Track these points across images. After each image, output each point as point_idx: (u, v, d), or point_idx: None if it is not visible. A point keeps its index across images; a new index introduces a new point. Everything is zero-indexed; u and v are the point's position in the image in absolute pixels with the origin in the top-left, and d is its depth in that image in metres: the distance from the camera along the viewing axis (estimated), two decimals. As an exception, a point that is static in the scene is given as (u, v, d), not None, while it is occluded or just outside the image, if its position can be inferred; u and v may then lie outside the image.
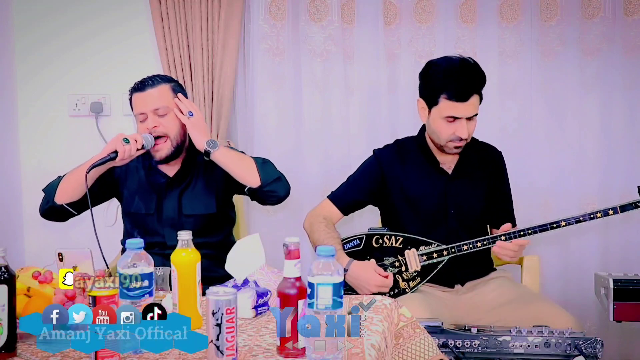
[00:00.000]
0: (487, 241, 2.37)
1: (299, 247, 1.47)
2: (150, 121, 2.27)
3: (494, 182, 2.51)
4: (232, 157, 2.28)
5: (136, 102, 2.31)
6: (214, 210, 2.36)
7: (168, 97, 2.30)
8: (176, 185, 2.36)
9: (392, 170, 2.47)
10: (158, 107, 2.27)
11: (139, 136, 2.21)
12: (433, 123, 2.37)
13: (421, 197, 2.44)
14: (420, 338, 1.83)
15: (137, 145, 2.19)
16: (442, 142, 2.38)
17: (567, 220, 2.33)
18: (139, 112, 2.30)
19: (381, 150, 2.53)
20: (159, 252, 2.20)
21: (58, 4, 3.19)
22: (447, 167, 2.46)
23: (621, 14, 3.02)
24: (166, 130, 2.28)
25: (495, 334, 2.09)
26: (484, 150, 2.53)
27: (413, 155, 2.48)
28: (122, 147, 2.16)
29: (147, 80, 2.32)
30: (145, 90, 2.29)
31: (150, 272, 1.53)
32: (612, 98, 3.05)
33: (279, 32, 3.09)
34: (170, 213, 2.35)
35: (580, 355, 2.04)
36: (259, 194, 2.28)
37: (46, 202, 2.32)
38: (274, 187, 2.27)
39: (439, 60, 2.39)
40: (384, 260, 2.40)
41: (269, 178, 2.26)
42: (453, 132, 2.34)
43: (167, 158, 2.30)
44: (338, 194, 2.52)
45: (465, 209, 2.44)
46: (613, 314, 2.30)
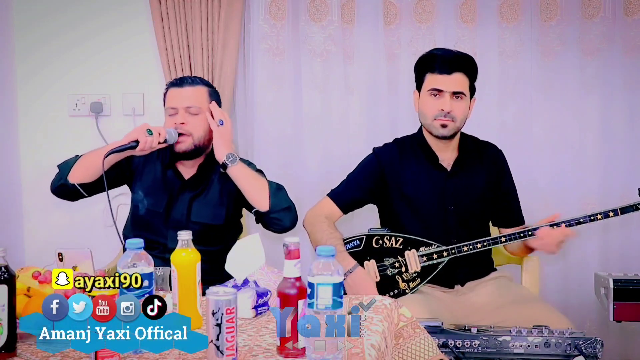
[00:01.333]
0: (488, 242, 2.37)
1: (299, 247, 1.47)
2: (179, 117, 2.28)
3: (495, 180, 2.50)
4: (247, 176, 2.27)
5: (171, 96, 2.32)
6: (221, 221, 2.36)
7: (203, 99, 2.31)
8: (189, 189, 2.36)
9: (391, 168, 2.47)
10: (191, 106, 2.28)
11: (163, 130, 2.21)
12: (421, 103, 2.42)
13: (420, 193, 2.44)
14: (420, 338, 1.83)
15: (159, 139, 2.19)
16: (428, 121, 2.39)
17: (567, 222, 2.34)
18: (170, 106, 2.31)
19: (380, 148, 2.54)
20: (158, 255, 2.20)
21: (58, 4, 3.19)
22: (446, 164, 2.46)
23: (621, 14, 3.02)
24: (192, 129, 2.28)
25: (495, 334, 2.09)
26: (483, 148, 2.53)
27: (412, 152, 2.49)
28: (145, 138, 2.16)
29: (187, 78, 2.35)
30: (183, 86, 2.31)
31: (150, 272, 1.53)
32: (612, 98, 3.05)
33: (279, 32, 3.09)
34: (177, 216, 2.34)
35: (580, 355, 2.04)
36: (265, 219, 2.28)
37: (59, 179, 2.31)
38: (281, 216, 2.26)
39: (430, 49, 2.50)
40: (383, 260, 2.40)
41: (278, 206, 2.25)
42: (438, 108, 2.36)
43: (186, 154, 2.30)
44: (338, 191, 2.52)
45: (464, 206, 2.44)
46: (613, 314, 2.30)
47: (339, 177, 2.64)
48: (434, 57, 2.40)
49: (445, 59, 2.38)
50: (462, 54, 2.43)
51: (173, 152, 2.31)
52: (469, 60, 2.42)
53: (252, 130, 3.12)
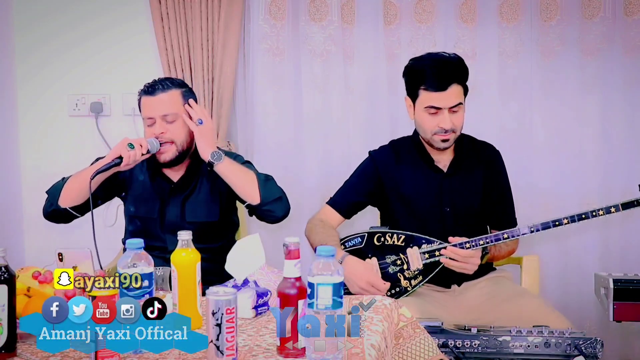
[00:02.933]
0: (490, 239, 2.35)
1: (299, 247, 1.47)
2: (157, 127, 2.26)
3: (491, 181, 2.49)
4: (234, 171, 2.26)
5: (145, 105, 2.30)
6: (216, 218, 2.36)
7: (178, 103, 2.28)
8: (180, 191, 2.36)
9: (387, 170, 2.46)
10: (167, 114, 2.26)
11: (144, 141, 2.20)
12: (417, 117, 2.38)
13: (416, 195, 2.43)
14: (420, 338, 1.83)
15: (142, 150, 2.18)
16: (428, 136, 2.37)
17: (569, 218, 2.31)
18: (147, 117, 2.29)
19: (376, 151, 2.53)
20: (159, 255, 2.20)
21: (58, 4, 3.19)
22: (442, 165, 2.45)
23: (621, 14, 3.02)
24: (173, 136, 2.27)
25: (495, 334, 2.09)
26: (481, 149, 2.52)
27: (408, 154, 2.48)
28: (127, 153, 2.15)
29: (158, 84, 2.29)
30: (155, 94, 2.27)
31: (150, 272, 1.53)
32: (612, 98, 3.05)
33: (279, 32, 3.09)
34: (172, 219, 2.34)
35: (580, 355, 2.04)
36: (257, 212, 2.28)
37: (50, 205, 2.32)
38: (272, 207, 2.26)
39: (419, 56, 2.42)
40: (385, 258, 2.40)
41: (269, 197, 2.25)
42: (436, 124, 2.34)
43: (171, 162, 2.30)
44: (337, 199, 2.52)
45: (461, 207, 2.44)
46: (613, 314, 2.30)
47: (338, 176, 2.64)
48: (424, 72, 2.32)
49: (438, 73, 2.29)
50: (452, 60, 2.35)
51: (158, 163, 2.31)
52: (460, 66, 2.35)
53: (252, 130, 3.12)
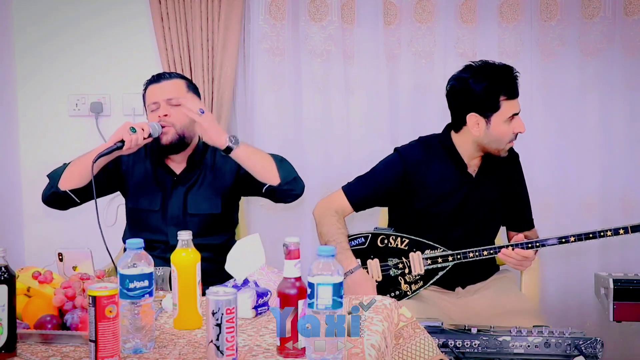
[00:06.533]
0: (494, 250, 2.34)
1: (299, 247, 1.47)
2: (161, 110, 2.29)
3: (513, 184, 2.48)
4: (253, 154, 2.26)
5: (150, 92, 2.34)
6: (218, 210, 2.36)
7: (182, 90, 2.34)
8: (182, 183, 2.37)
9: (416, 170, 2.39)
10: (171, 97, 2.30)
11: (146, 125, 2.21)
12: (495, 130, 2.31)
13: (442, 197, 2.39)
14: (420, 338, 1.83)
15: (144, 134, 2.19)
16: (503, 146, 2.35)
17: (576, 236, 2.30)
18: (151, 102, 2.32)
19: (405, 148, 2.46)
20: (160, 255, 2.20)
21: (58, 4, 3.19)
22: (471, 170, 2.41)
23: (621, 14, 3.02)
24: (174, 120, 2.29)
25: (495, 334, 2.09)
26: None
27: (439, 155, 2.41)
28: (129, 136, 2.16)
29: (164, 73, 2.40)
30: (161, 82, 2.34)
31: (150, 272, 1.53)
32: (612, 98, 3.05)
33: (279, 32, 3.09)
34: (175, 211, 2.35)
35: (580, 355, 2.04)
36: (277, 193, 2.28)
37: (49, 188, 2.31)
38: (292, 186, 2.27)
39: (479, 69, 2.33)
40: (387, 260, 2.39)
41: (288, 176, 2.26)
42: (512, 132, 2.33)
43: (173, 146, 2.30)
44: (353, 189, 2.44)
45: (483, 213, 2.42)
46: (613, 314, 2.30)
47: (339, 176, 2.63)
48: (502, 82, 2.30)
49: (513, 80, 2.32)
50: (510, 67, 2.36)
51: (160, 147, 2.31)
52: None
53: (252, 130, 3.12)
